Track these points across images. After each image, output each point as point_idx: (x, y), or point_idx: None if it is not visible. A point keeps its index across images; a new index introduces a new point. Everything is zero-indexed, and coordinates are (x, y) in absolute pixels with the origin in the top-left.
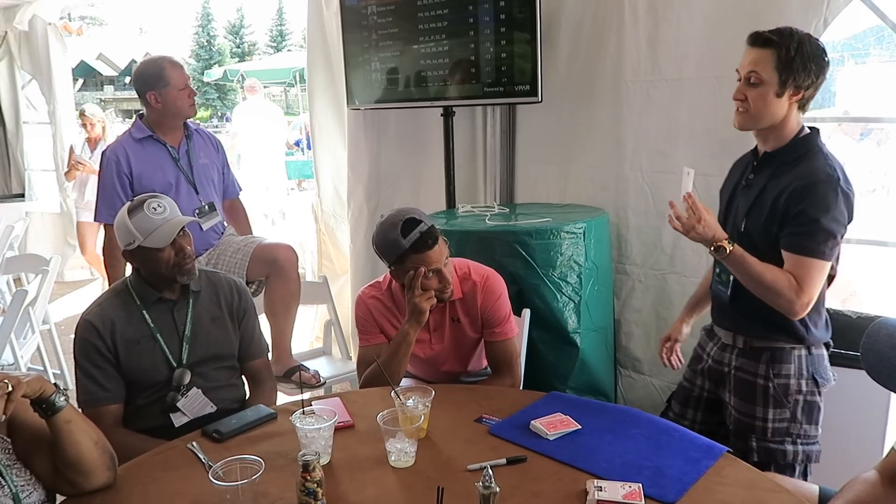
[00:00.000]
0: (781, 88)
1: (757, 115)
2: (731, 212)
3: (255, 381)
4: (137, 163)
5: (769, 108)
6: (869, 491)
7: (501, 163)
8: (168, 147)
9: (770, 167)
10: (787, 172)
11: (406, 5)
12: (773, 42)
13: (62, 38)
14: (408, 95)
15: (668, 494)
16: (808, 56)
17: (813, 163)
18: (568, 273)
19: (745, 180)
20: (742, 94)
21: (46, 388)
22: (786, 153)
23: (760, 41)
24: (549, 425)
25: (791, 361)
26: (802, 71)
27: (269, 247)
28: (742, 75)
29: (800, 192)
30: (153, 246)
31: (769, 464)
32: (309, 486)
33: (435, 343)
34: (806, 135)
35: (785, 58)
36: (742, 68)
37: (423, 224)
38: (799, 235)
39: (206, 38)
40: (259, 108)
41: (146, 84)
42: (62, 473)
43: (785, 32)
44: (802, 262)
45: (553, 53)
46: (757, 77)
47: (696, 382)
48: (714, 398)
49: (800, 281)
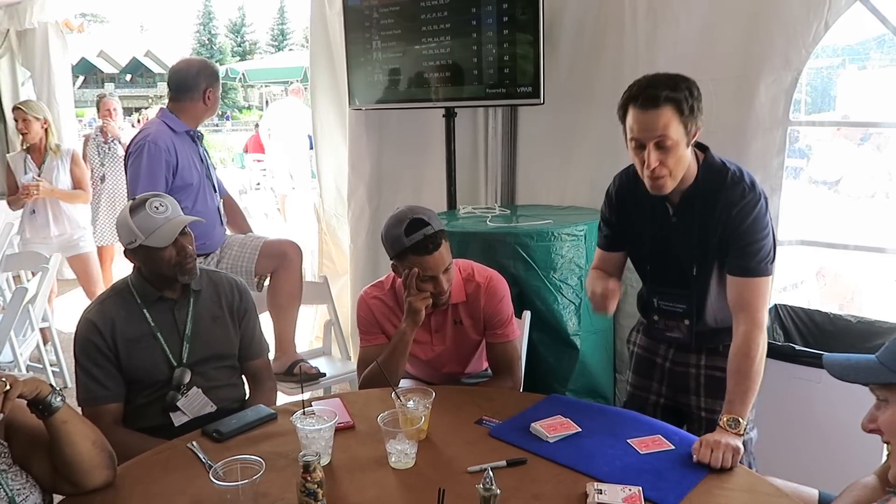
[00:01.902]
0: (688, 139)
1: (677, 174)
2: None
3: (256, 381)
4: (182, 156)
5: (684, 163)
6: (868, 495)
7: (503, 164)
8: (198, 144)
9: (692, 206)
10: (714, 206)
11: (409, 6)
12: (671, 98)
13: (63, 35)
14: (410, 96)
15: (668, 498)
16: (697, 95)
17: (732, 191)
18: (568, 275)
19: (667, 222)
20: (657, 161)
21: (43, 388)
22: (703, 189)
23: (659, 101)
24: (550, 428)
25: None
26: (698, 113)
27: (276, 242)
28: (648, 142)
29: (736, 224)
30: (154, 245)
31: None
32: (309, 486)
33: (436, 345)
34: (704, 162)
35: (687, 108)
36: (643, 133)
37: (429, 227)
38: (744, 259)
39: (208, 37)
40: (293, 108)
41: (208, 79)
42: (61, 474)
43: (671, 83)
44: (751, 283)
45: (555, 55)
46: (667, 139)
47: (650, 389)
48: (671, 404)
49: (753, 304)
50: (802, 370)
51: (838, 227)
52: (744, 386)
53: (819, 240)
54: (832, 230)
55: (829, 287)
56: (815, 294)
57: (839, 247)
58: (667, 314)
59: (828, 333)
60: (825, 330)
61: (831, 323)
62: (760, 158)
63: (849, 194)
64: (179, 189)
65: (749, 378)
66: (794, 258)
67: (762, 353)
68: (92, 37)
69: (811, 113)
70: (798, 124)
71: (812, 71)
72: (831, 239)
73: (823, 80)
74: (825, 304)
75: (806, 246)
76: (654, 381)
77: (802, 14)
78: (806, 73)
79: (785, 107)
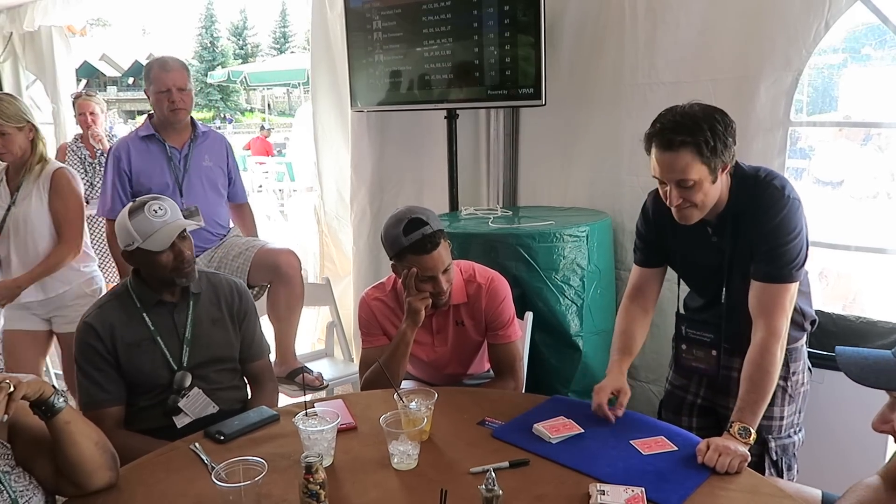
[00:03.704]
0: (714, 175)
1: (706, 206)
2: (697, 270)
3: (257, 383)
4: (138, 160)
5: (712, 196)
6: (872, 496)
7: (504, 165)
8: (168, 147)
9: (729, 225)
10: (747, 218)
11: (410, 8)
12: (689, 143)
13: (66, 39)
14: (411, 98)
15: (671, 499)
16: (722, 133)
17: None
18: (571, 276)
19: (707, 243)
20: (679, 199)
21: (45, 389)
22: (737, 205)
23: (676, 144)
24: (552, 429)
25: (801, 358)
26: (725, 150)
27: (271, 252)
28: (671, 183)
29: (763, 226)
30: (152, 249)
31: (782, 458)
32: (312, 487)
33: (438, 346)
34: (735, 176)
35: (708, 150)
36: (665, 176)
37: (427, 227)
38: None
39: (210, 40)
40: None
41: (144, 80)
42: (64, 475)
43: (689, 124)
44: (772, 289)
45: (556, 56)
46: (688, 181)
47: (689, 389)
48: (708, 405)
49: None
50: None
51: (841, 227)
52: (756, 395)
53: (822, 240)
54: (835, 231)
55: (831, 288)
56: (818, 294)
57: (842, 248)
58: (695, 343)
59: (830, 334)
60: (828, 330)
61: (834, 323)
62: (761, 159)
63: (851, 195)
64: (140, 194)
65: (762, 388)
66: None
67: (778, 363)
68: (95, 40)
69: (812, 114)
70: (799, 125)
71: (813, 71)
72: (834, 240)
73: (825, 80)
74: (828, 305)
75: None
76: (692, 381)
77: (803, 14)
78: (807, 73)
79: (786, 107)
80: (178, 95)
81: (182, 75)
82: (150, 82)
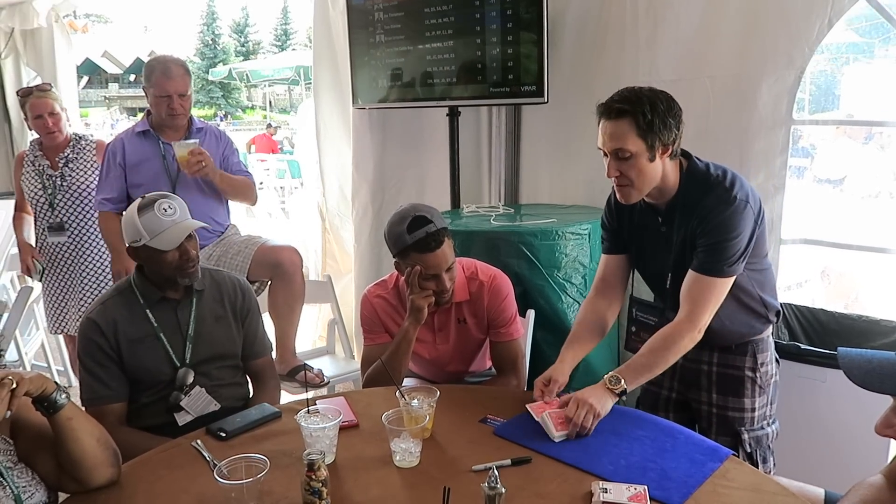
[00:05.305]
0: (651, 153)
1: (640, 185)
2: (647, 257)
3: (259, 380)
4: (133, 155)
5: (648, 175)
6: (875, 495)
7: (506, 163)
8: (162, 143)
9: (676, 215)
10: (694, 212)
11: (413, 5)
12: (627, 111)
13: (68, 35)
14: (413, 95)
15: (674, 497)
16: (662, 112)
17: (711, 193)
18: (572, 274)
19: (657, 231)
20: (617, 171)
21: (48, 385)
22: (685, 197)
23: (614, 113)
24: (557, 418)
25: (768, 349)
26: (664, 129)
27: (272, 249)
28: (608, 151)
29: (708, 221)
30: (159, 247)
31: (756, 450)
32: (314, 485)
33: (440, 344)
34: (686, 169)
35: (644, 123)
36: (605, 145)
37: (431, 225)
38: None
39: (211, 37)
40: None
41: (144, 79)
42: (66, 471)
43: (632, 97)
44: (705, 281)
45: (558, 54)
46: (624, 151)
47: (663, 385)
48: (681, 398)
49: (699, 302)
50: (807, 369)
51: (843, 226)
52: (646, 361)
53: (823, 239)
54: (836, 229)
55: (833, 286)
56: (820, 293)
57: (843, 246)
58: (642, 326)
59: (832, 332)
60: (830, 329)
61: (836, 322)
62: (763, 158)
63: (853, 193)
64: (133, 187)
65: (657, 360)
66: (798, 257)
67: (681, 352)
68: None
69: (815, 112)
70: (801, 123)
71: (816, 70)
72: (835, 238)
73: (827, 78)
74: (830, 303)
75: (810, 245)
76: (665, 376)
77: (805, 12)
78: (809, 71)
79: (788, 106)
80: (178, 101)
81: (184, 82)
82: (150, 84)
